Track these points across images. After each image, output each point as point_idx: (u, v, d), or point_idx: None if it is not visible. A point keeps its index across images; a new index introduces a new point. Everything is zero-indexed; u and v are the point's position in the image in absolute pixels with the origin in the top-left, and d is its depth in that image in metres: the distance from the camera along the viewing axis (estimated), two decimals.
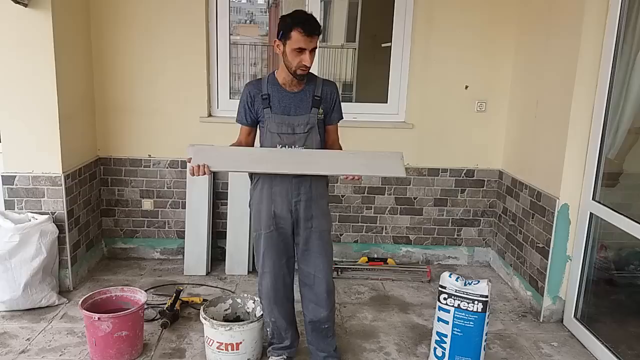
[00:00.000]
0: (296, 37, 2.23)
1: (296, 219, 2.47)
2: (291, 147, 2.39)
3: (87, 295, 2.80)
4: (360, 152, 2.59)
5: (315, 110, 2.43)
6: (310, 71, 2.40)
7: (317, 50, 2.33)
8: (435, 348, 2.68)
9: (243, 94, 2.45)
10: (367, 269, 3.97)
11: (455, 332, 2.58)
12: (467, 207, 4.10)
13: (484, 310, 2.53)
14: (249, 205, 2.59)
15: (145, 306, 2.87)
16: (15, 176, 3.32)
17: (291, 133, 2.40)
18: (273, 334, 2.69)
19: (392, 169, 2.47)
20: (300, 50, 2.25)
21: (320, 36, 2.35)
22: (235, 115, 2.51)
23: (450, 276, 2.62)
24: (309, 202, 2.45)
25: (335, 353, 2.70)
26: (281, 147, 2.39)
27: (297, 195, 2.43)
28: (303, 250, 2.53)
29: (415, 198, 4.06)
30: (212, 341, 2.63)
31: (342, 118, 2.59)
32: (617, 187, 3.09)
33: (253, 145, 2.58)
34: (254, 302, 2.88)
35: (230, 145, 2.51)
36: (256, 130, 2.55)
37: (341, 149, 2.59)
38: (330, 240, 2.58)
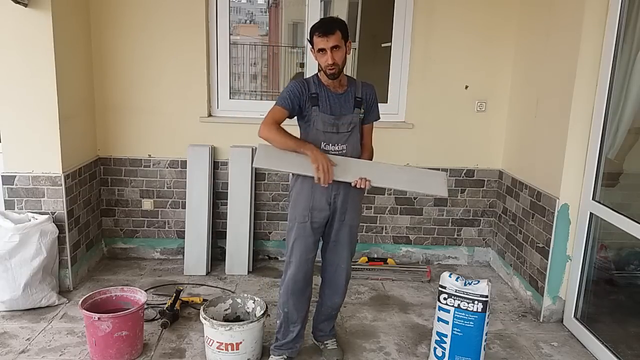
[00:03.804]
0: (316, 41, 2.44)
1: (333, 211, 2.58)
2: (335, 145, 2.52)
3: (87, 295, 2.81)
4: (406, 167, 2.73)
5: (358, 111, 2.56)
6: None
7: (343, 49, 2.43)
8: (435, 348, 2.68)
9: (293, 85, 2.51)
10: (367, 268, 3.96)
11: (455, 332, 2.58)
12: (467, 207, 4.10)
13: (484, 310, 2.53)
14: (289, 196, 2.68)
15: (145, 306, 2.87)
16: (15, 176, 3.32)
17: (335, 132, 2.52)
18: (280, 326, 2.72)
19: (435, 188, 2.60)
20: (322, 51, 2.43)
21: (336, 34, 2.42)
22: (278, 100, 2.49)
23: (450, 276, 2.62)
24: (346, 196, 2.57)
25: (332, 331, 2.91)
26: (325, 145, 2.51)
27: (337, 188, 2.53)
28: (332, 241, 2.66)
29: (415, 198, 4.06)
30: (212, 341, 2.63)
31: (379, 118, 2.68)
32: (617, 187, 3.09)
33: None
34: (254, 302, 2.88)
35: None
36: (287, 118, 2.55)
37: (373, 150, 2.70)
38: (357, 235, 2.73)
